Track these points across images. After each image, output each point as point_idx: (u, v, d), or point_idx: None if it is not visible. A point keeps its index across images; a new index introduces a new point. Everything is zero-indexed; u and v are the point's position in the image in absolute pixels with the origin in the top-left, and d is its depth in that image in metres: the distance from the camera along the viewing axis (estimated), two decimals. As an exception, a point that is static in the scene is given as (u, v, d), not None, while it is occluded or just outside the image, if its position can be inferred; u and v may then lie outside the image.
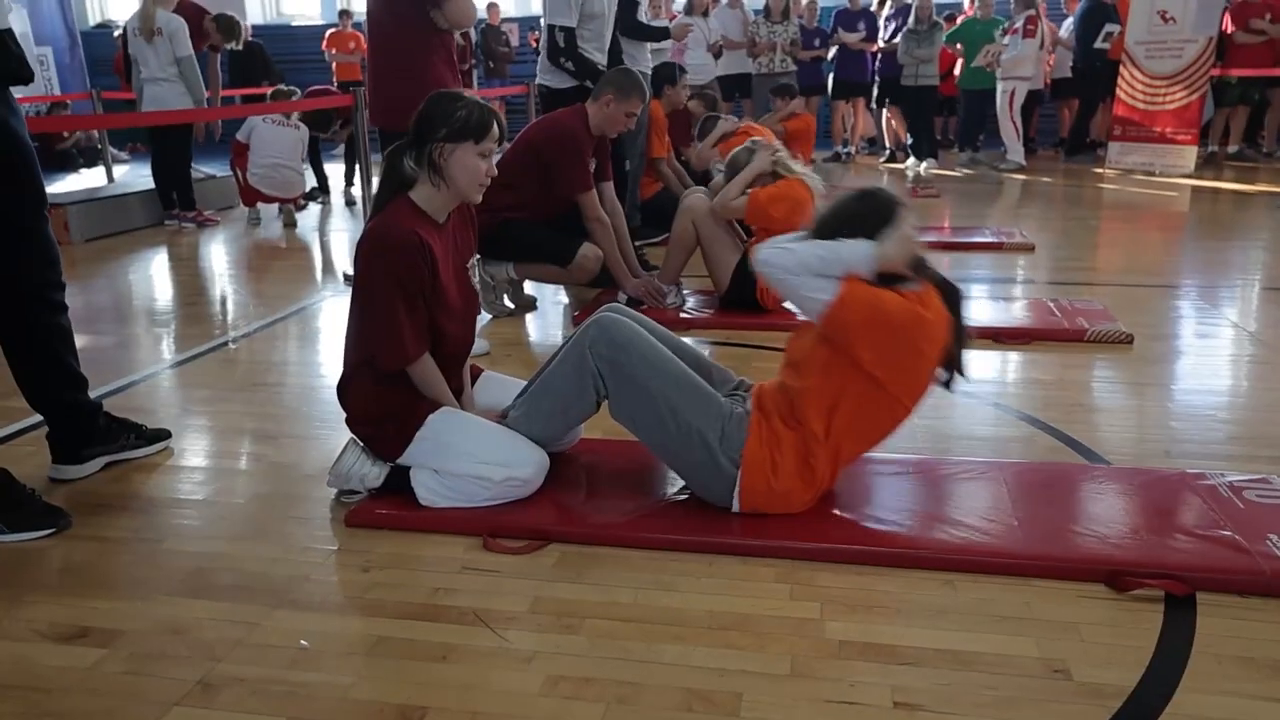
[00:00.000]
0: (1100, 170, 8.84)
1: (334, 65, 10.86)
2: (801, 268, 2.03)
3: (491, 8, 10.89)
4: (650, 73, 5.22)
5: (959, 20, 9.77)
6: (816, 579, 1.94)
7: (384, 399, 2.26)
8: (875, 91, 9.72)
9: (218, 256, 5.93)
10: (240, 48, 7.19)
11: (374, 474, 2.27)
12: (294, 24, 14.57)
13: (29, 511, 2.21)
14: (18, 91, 2.25)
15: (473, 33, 9.58)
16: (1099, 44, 9.05)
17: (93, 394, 2.57)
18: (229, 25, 6.66)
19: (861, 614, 1.82)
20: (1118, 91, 8.85)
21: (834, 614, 1.82)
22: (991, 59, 8.83)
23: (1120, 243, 5.68)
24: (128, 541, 2.18)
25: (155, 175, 6.70)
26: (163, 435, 2.70)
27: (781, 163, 3.86)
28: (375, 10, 3.89)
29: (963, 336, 2.09)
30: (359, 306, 2.24)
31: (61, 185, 8.83)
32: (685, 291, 4.19)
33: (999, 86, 8.87)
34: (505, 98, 10.17)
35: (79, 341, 2.50)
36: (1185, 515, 2.09)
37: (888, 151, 9.93)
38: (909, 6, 9.16)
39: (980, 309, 3.96)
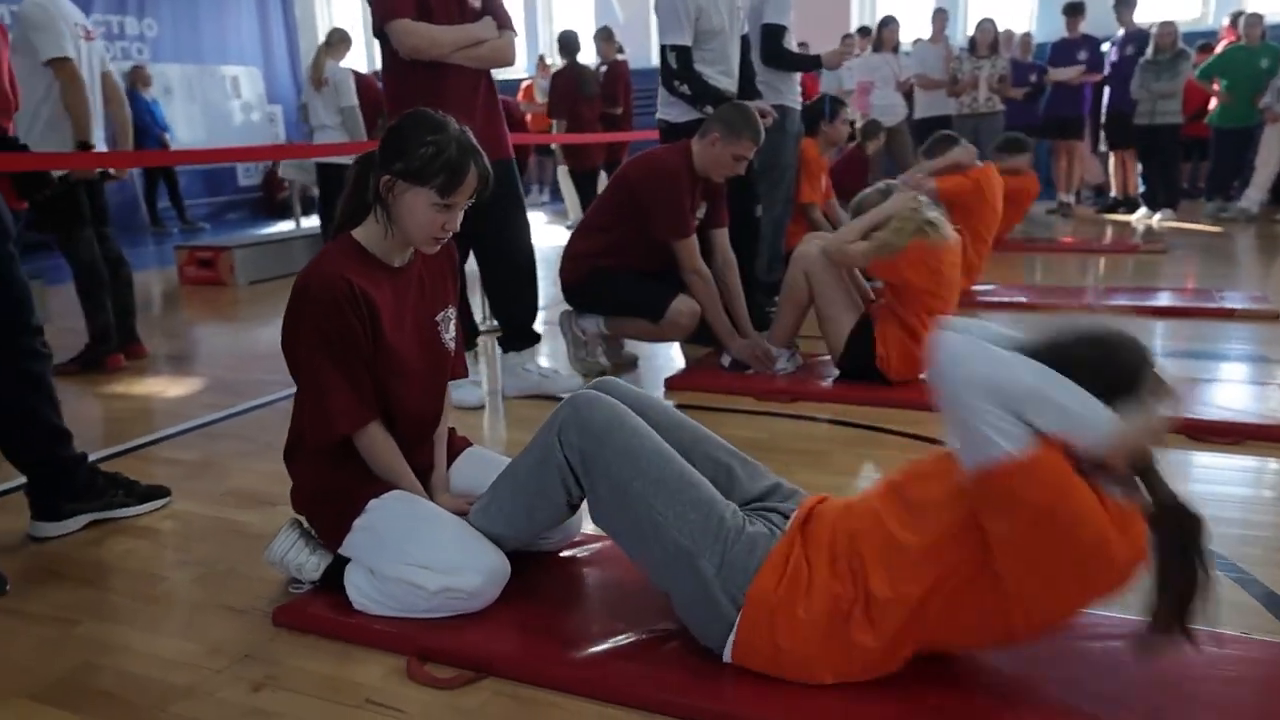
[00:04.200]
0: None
1: (529, 116, 10.97)
2: (992, 391, 1.32)
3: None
4: (799, 108, 4.71)
5: (1218, 48, 8.47)
6: (797, 774, 1.39)
7: (325, 475, 1.90)
8: (1102, 131, 8.60)
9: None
10: None
11: (311, 564, 1.91)
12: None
13: (-42, 575, 2.01)
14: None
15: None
16: None
17: (152, 435, 2.39)
18: None
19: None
20: None
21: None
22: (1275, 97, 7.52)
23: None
24: (43, 621, 1.92)
25: (321, 219, 6.85)
26: (158, 494, 2.47)
27: (922, 214, 3.16)
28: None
29: (1191, 582, 1.31)
30: (289, 367, 1.89)
31: (278, 229, 9.29)
32: (799, 355, 3.61)
33: None
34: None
35: (197, 377, 2.30)
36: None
37: (1110, 200, 8.77)
38: (1143, 33, 8.04)
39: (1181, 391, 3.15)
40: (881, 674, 1.52)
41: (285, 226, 9.35)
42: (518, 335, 3.38)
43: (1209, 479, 2.49)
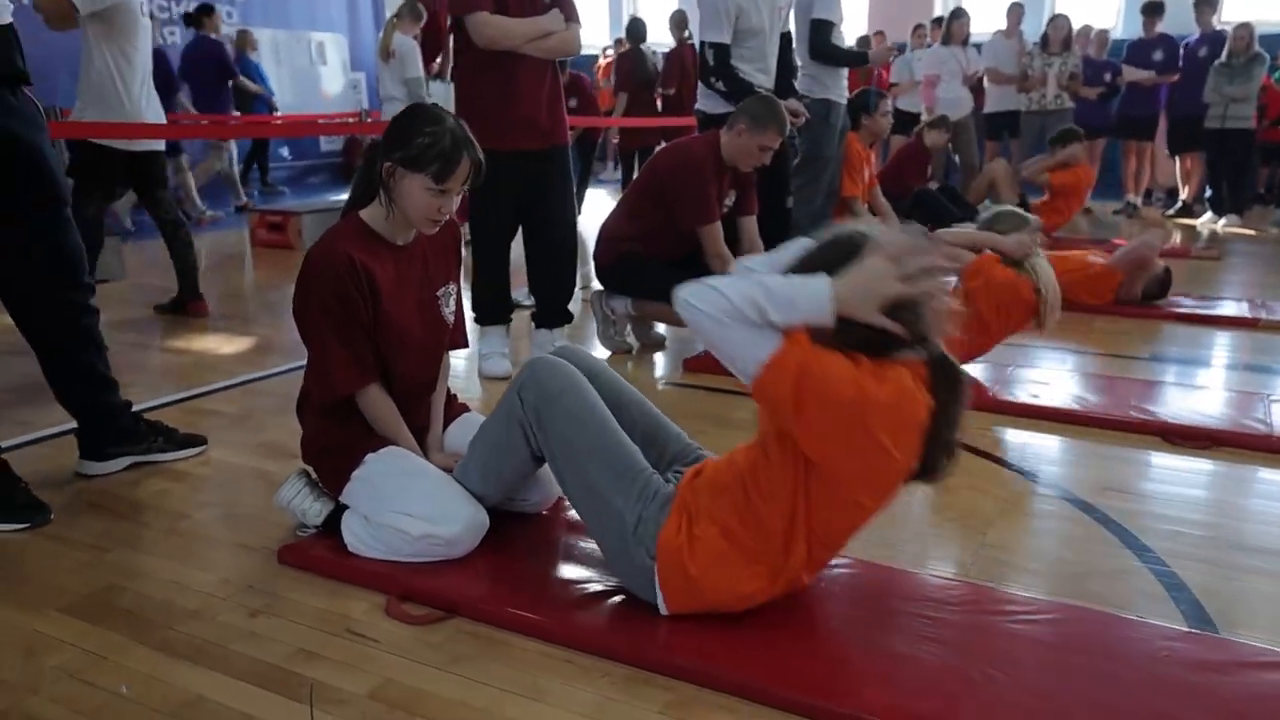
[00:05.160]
0: None
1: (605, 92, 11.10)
2: (732, 315, 1.52)
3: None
4: (844, 102, 4.79)
5: None
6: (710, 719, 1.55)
7: (329, 430, 2.10)
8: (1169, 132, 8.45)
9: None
10: None
11: (315, 510, 2.11)
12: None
13: (10, 503, 2.26)
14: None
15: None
16: None
17: (203, 388, 2.89)
18: None
19: (733, 779, 1.42)
20: None
21: (696, 772, 1.43)
22: None
23: None
24: (80, 547, 2.17)
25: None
26: (195, 442, 2.71)
27: (1032, 261, 3.13)
28: None
29: (947, 428, 1.57)
30: (299, 332, 2.09)
31: (341, 197, 9.61)
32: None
33: None
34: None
35: (250, 336, 2.53)
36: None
37: (1179, 204, 8.60)
38: (1219, 35, 7.87)
39: (1160, 396, 3.19)
40: (791, 580, 1.71)
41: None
42: (552, 313, 3.57)
43: (1164, 479, 2.58)
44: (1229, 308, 4.59)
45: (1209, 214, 8.05)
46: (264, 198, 9.71)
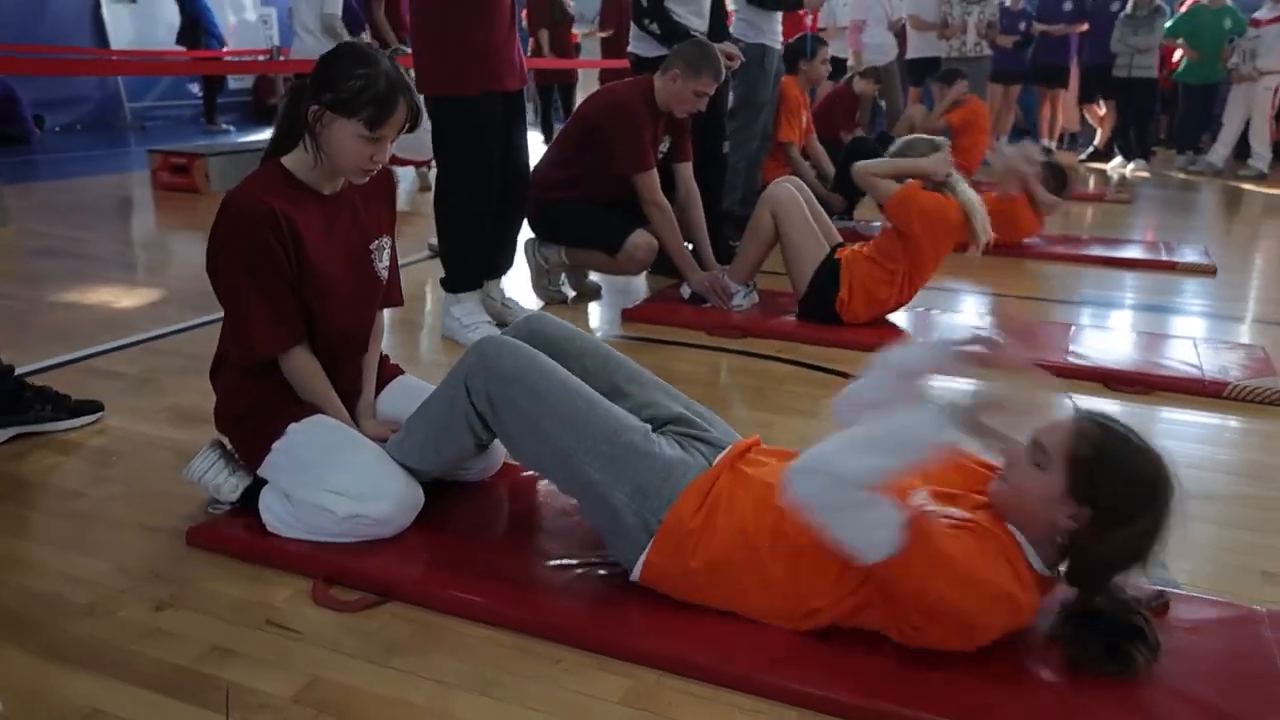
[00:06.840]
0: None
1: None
2: (842, 487, 1.33)
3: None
4: (779, 47, 4.64)
5: (1183, 8, 8.52)
6: (675, 708, 1.42)
7: (248, 396, 1.89)
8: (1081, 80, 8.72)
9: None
10: None
11: (230, 485, 1.90)
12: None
13: None
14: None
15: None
16: None
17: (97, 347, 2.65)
18: None
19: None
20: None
21: (665, 773, 1.30)
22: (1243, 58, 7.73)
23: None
24: (-48, 533, 1.92)
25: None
26: (89, 409, 2.45)
27: (953, 181, 3.23)
28: None
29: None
30: (214, 289, 1.87)
31: (258, 137, 9.04)
32: (756, 292, 3.59)
33: (1260, 84, 7.80)
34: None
35: (152, 288, 2.30)
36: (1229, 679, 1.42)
37: (1090, 149, 8.85)
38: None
39: (1095, 342, 3.19)
40: (781, 621, 1.55)
41: (269, 134, 9.17)
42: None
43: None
44: (1144, 251, 4.73)
45: (1118, 159, 8.31)
46: (164, 138, 9.14)
